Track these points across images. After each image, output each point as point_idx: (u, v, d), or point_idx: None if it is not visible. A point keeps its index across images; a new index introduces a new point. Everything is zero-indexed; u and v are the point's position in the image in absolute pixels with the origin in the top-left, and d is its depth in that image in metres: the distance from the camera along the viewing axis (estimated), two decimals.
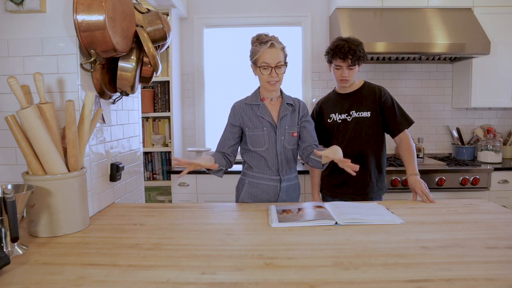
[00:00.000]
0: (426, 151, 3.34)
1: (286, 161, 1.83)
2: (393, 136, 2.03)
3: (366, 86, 2.05)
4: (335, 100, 2.08)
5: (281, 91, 1.86)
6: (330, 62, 2.00)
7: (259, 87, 1.86)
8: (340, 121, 2.03)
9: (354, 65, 1.93)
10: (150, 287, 0.93)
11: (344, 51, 1.91)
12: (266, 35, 1.77)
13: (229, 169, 1.88)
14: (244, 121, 1.81)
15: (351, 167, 1.57)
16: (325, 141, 2.07)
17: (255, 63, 1.76)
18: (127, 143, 1.98)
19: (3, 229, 1.12)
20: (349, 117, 2.01)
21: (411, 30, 2.83)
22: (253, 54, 1.77)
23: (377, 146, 2.02)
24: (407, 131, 2.01)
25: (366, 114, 1.99)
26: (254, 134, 1.80)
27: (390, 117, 2.00)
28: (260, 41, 1.74)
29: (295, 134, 1.83)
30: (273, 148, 1.79)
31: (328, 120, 2.06)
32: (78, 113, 1.45)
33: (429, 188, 2.68)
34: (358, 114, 2.00)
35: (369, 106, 2.00)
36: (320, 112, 2.12)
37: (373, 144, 2.01)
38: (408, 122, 2.02)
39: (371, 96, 2.01)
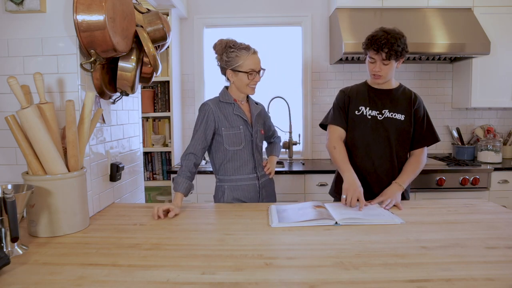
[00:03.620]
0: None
1: (260, 158, 1.89)
2: (411, 148, 1.87)
3: (402, 88, 1.88)
4: (367, 93, 1.88)
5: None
6: (365, 53, 1.81)
7: (226, 88, 1.87)
8: (370, 117, 1.84)
9: (389, 60, 1.72)
10: (150, 287, 0.93)
11: (379, 42, 1.70)
12: (241, 43, 1.78)
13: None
14: (220, 120, 1.78)
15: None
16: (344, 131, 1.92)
17: (235, 70, 1.75)
18: (127, 143, 1.98)
19: (3, 229, 1.12)
20: (381, 115, 1.83)
21: (411, 30, 2.83)
22: (233, 61, 1.75)
23: (403, 154, 1.86)
24: (426, 148, 1.87)
25: (400, 117, 1.82)
26: (231, 133, 1.78)
27: (416, 129, 1.84)
28: (238, 47, 1.75)
29: (263, 132, 1.93)
30: (248, 146, 1.83)
31: (356, 112, 1.86)
32: (78, 113, 1.45)
33: (429, 188, 2.73)
34: (391, 115, 1.82)
35: (404, 109, 1.82)
36: (348, 100, 1.90)
37: (400, 149, 1.84)
38: (433, 139, 1.86)
39: (406, 100, 1.84)
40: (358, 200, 1.61)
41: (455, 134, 3.25)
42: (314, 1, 3.28)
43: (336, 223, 1.40)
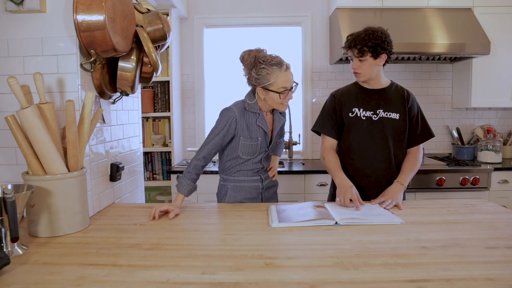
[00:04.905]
0: (426, 151, 3.34)
1: (267, 164, 1.88)
2: (408, 146, 1.86)
3: (394, 86, 1.86)
4: (359, 94, 1.86)
5: None
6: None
7: (253, 93, 1.76)
8: (364, 118, 1.82)
9: (363, 56, 1.72)
10: (150, 287, 0.93)
11: (351, 39, 1.74)
12: (272, 56, 1.65)
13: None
14: (242, 129, 1.71)
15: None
16: (339, 137, 1.91)
17: (267, 88, 1.64)
18: (127, 143, 1.98)
19: (3, 229, 1.12)
20: (375, 115, 1.81)
21: (411, 30, 2.83)
22: (263, 79, 1.63)
23: (400, 153, 1.84)
24: (422, 144, 1.87)
25: (395, 116, 1.80)
26: (248, 144, 1.73)
27: (412, 127, 1.83)
28: (269, 63, 1.62)
29: (278, 142, 1.91)
30: (260, 155, 1.80)
31: (350, 114, 1.84)
32: (78, 113, 1.45)
33: (429, 188, 2.73)
34: (386, 115, 1.80)
35: (398, 108, 1.81)
36: (340, 103, 1.87)
37: (398, 149, 1.83)
38: (428, 135, 1.86)
39: (399, 98, 1.82)
40: (351, 200, 1.61)
41: (455, 134, 3.25)
42: (314, 1, 3.28)
43: (336, 223, 1.40)
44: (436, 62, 3.29)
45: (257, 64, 1.64)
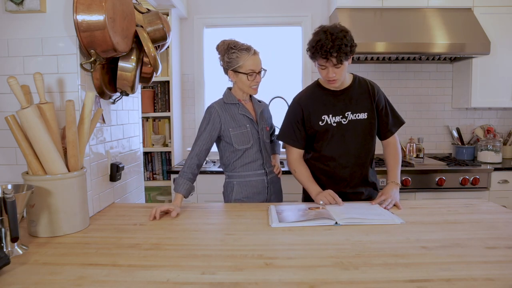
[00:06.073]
0: (426, 151, 3.34)
1: (267, 154, 1.90)
2: (382, 139, 1.86)
3: (357, 81, 1.80)
4: (324, 98, 1.78)
5: None
6: (313, 60, 1.68)
7: (229, 89, 1.88)
8: (335, 124, 1.75)
9: (341, 63, 1.60)
10: (150, 287, 0.93)
11: (326, 48, 1.56)
12: (242, 43, 1.78)
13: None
14: (227, 122, 1.78)
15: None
16: (310, 144, 1.85)
17: (236, 70, 1.76)
18: (127, 143, 1.98)
19: (3, 229, 1.12)
20: (345, 119, 1.75)
21: (411, 30, 2.83)
22: (233, 62, 1.75)
23: (372, 148, 1.83)
24: (396, 134, 1.86)
25: (363, 116, 1.76)
26: (238, 132, 1.80)
27: (382, 119, 1.81)
28: (239, 48, 1.76)
29: (268, 128, 1.94)
30: (256, 144, 1.84)
31: (320, 122, 1.75)
32: (78, 113, 1.45)
33: (429, 188, 2.73)
34: (355, 117, 1.75)
35: (365, 106, 1.76)
36: (307, 112, 1.78)
37: (370, 146, 1.81)
38: (399, 123, 1.85)
39: (365, 94, 1.77)
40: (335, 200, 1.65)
41: (455, 134, 3.25)
42: (314, 1, 3.28)
43: (336, 223, 1.40)
44: (436, 62, 3.29)
45: (229, 49, 1.78)
